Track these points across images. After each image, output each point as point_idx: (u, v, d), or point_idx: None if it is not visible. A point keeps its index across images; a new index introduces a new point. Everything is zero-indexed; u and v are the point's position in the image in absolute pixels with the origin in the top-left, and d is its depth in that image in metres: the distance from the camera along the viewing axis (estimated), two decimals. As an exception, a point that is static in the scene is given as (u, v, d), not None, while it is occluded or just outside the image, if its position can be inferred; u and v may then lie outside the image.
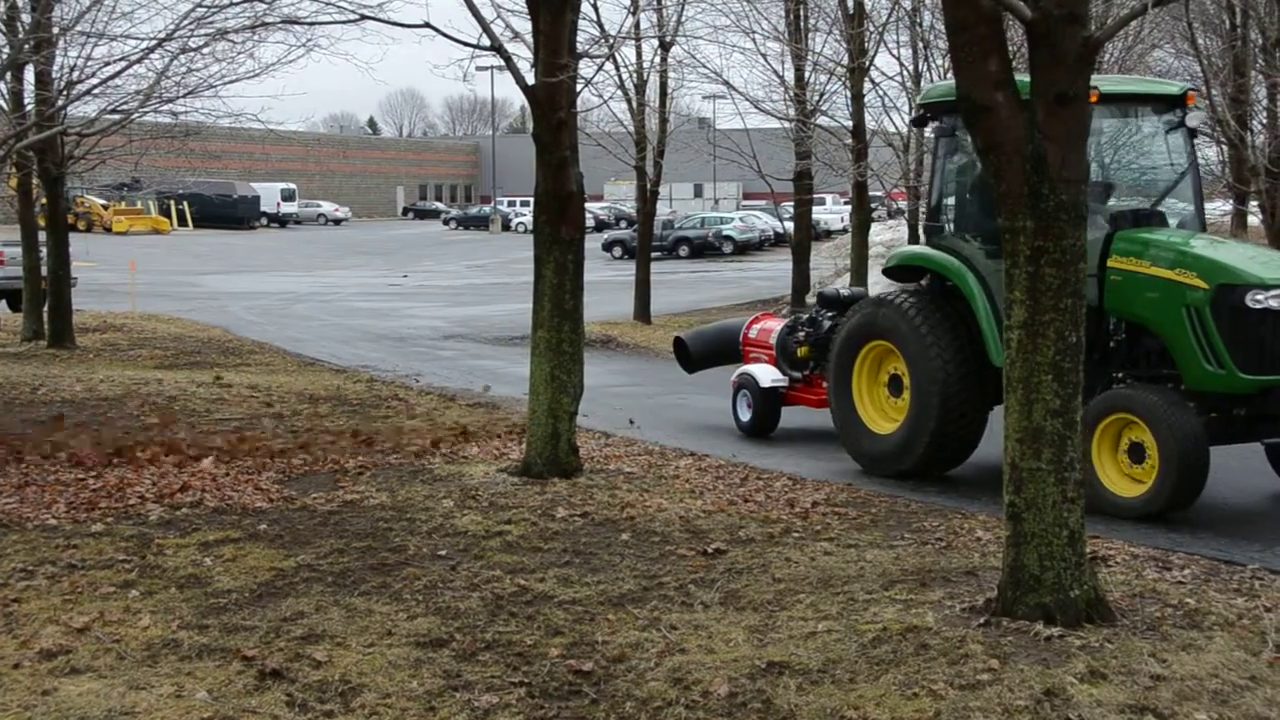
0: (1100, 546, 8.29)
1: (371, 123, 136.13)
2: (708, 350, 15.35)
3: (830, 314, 13.57)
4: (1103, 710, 5.40)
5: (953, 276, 10.99)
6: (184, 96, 17.79)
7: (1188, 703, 5.49)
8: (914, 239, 30.30)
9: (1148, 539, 8.87)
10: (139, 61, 15.82)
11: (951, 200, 11.50)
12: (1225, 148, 24.27)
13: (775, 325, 14.24)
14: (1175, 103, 10.82)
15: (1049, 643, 6.14)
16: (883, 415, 11.59)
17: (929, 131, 11.93)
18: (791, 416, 13.81)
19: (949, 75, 16.89)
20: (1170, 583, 7.48)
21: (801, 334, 13.65)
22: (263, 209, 78.00)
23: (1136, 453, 9.57)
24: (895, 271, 12.08)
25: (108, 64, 16.63)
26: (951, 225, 11.34)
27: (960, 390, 10.73)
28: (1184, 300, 9.63)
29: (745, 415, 13.67)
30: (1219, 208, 27.10)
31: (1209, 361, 9.55)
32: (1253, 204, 23.10)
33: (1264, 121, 22.52)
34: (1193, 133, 10.99)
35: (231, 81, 17.52)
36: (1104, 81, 10.60)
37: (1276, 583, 7.62)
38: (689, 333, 16.30)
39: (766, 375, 13.61)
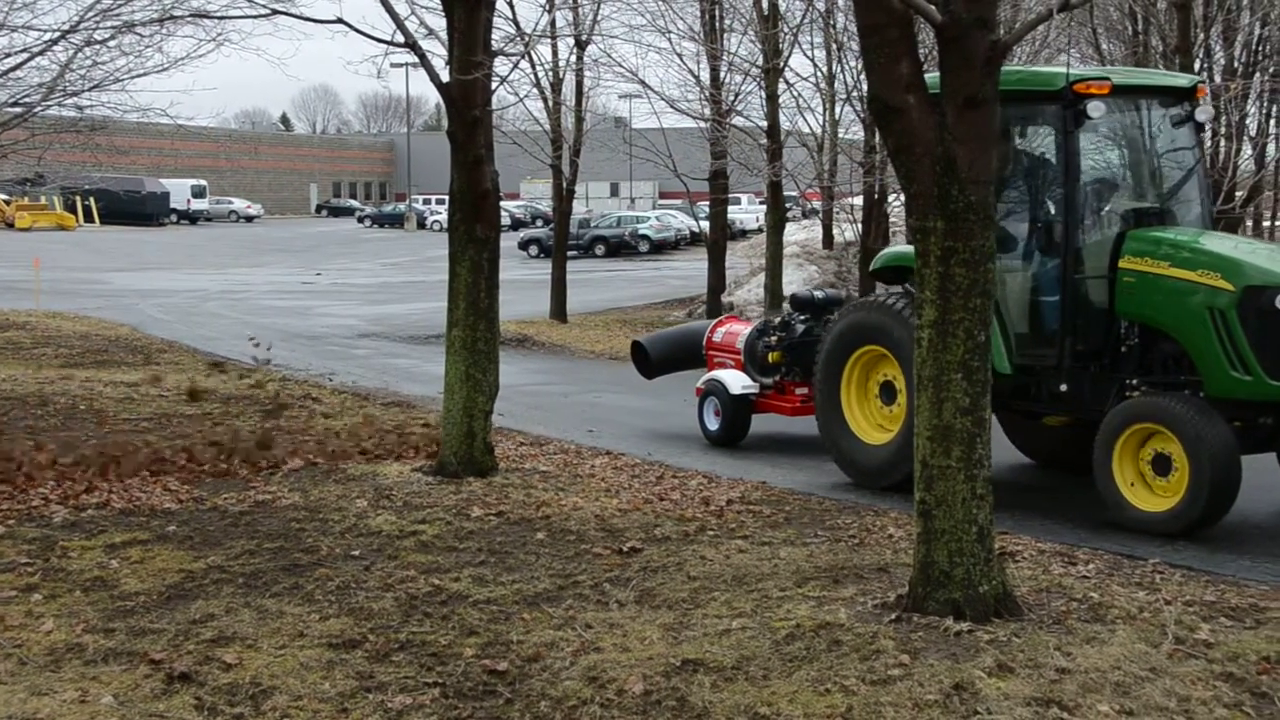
0: (1008, 542, 8.45)
1: (284, 119, 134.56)
2: (668, 355, 14.45)
3: (803, 317, 13.02)
4: (1010, 703, 5.51)
5: None
6: (89, 90, 17.32)
7: (1091, 694, 5.61)
8: (828, 238, 30.63)
9: (1054, 535, 9.06)
10: (41, 54, 15.42)
11: None
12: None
13: (742, 329, 13.55)
14: (1184, 95, 10.33)
15: (958, 638, 6.24)
16: (874, 425, 11.07)
17: None
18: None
19: (863, 77, 17.06)
20: (1075, 577, 7.65)
21: (773, 338, 12.97)
22: (172, 205, 76.53)
23: (1161, 464, 9.12)
24: (884, 273, 11.42)
25: (8, 55, 16.18)
26: None
27: None
28: (1207, 303, 9.12)
29: (713, 424, 12.99)
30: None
31: (1234, 367, 9.02)
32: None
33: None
34: (1200, 127, 10.54)
35: (139, 76, 17.05)
36: (1115, 73, 10.45)
37: (1176, 576, 7.84)
38: (648, 336, 15.51)
39: (736, 382, 12.89)
